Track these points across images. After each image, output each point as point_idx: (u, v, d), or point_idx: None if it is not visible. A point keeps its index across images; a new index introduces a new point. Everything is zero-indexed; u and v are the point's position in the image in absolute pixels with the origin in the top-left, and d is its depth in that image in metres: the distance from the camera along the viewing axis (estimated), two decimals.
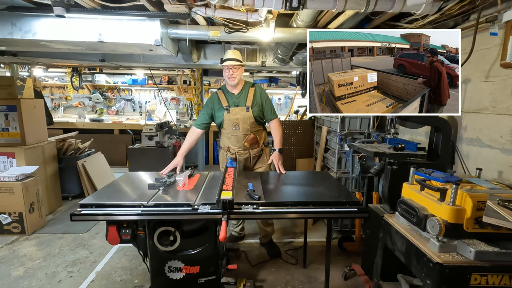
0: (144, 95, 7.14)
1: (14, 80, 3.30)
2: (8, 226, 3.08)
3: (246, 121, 2.50)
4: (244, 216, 2.15)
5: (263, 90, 2.64)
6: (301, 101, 5.59)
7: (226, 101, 2.54)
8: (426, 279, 1.29)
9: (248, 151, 2.59)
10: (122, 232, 1.70)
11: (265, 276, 2.47)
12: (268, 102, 2.60)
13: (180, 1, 2.11)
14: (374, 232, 1.97)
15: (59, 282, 2.36)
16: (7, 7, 2.27)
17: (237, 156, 2.61)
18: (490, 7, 1.83)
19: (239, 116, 2.50)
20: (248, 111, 2.49)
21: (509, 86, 1.79)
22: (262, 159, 2.68)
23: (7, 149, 3.29)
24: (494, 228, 1.26)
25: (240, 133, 2.52)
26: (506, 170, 1.82)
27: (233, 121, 2.51)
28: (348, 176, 3.06)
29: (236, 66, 2.43)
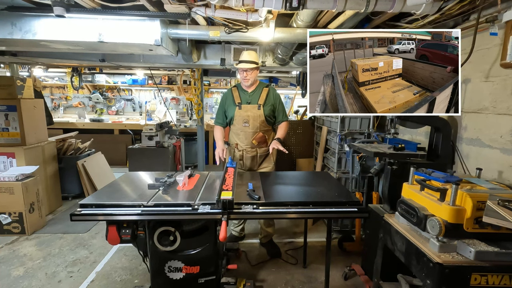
0: (144, 95, 7.14)
1: (14, 80, 3.30)
2: (8, 226, 3.08)
3: (256, 118, 2.54)
4: (244, 216, 2.15)
5: (277, 92, 2.70)
6: (301, 101, 5.59)
7: (239, 98, 2.60)
8: (426, 279, 1.29)
9: (255, 149, 2.61)
10: (122, 232, 1.70)
11: (265, 276, 2.47)
12: (280, 104, 2.66)
13: (180, 1, 2.11)
14: (374, 232, 1.97)
15: (59, 282, 2.36)
16: (7, 7, 2.27)
17: (244, 154, 2.62)
18: (490, 7, 1.83)
19: (250, 113, 2.54)
20: (259, 109, 2.54)
21: (509, 86, 1.79)
22: (268, 159, 2.70)
23: (7, 149, 3.29)
24: (494, 228, 1.26)
25: (250, 130, 2.55)
26: (506, 170, 1.82)
27: (243, 118, 2.55)
28: (348, 176, 3.06)
29: (250, 69, 2.49)
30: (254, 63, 2.50)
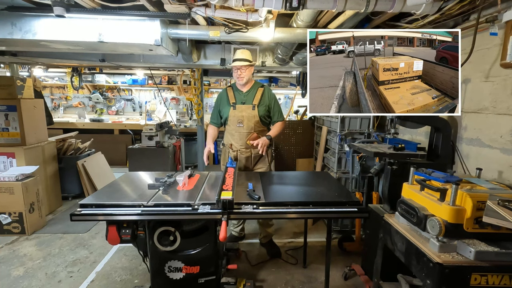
0: (144, 95, 7.14)
1: (14, 80, 3.30)
2: (8, 226, 3.08)
3: (251, 119, 2.52)
4: (244, 216, 2.15)
5: (272, 92, 2.67)
6: (301, 101, 5.59)
7: (233, 98, 2.58)
8: (426, 279, 1.29)
9: (250, 150, 2.59)
10: (122, 232, 1.70)
11: (265, 276, 2.47)
12: (276, 104, 2.63)
13: (180, 1, 2.11)
14: (374, 232, 1.97)
15: (59, 282, 2.36)
16: (7, 7, 2.27)
17: (238, 154, 2.61)
18: (490, 7, 1.83)
19: (244, 113, 2.52)
20: (254, 109, 2.52)
21: (509, 86, 1.79)
22: (263, 159, 2.68)
23: (7, 149, 3.29)
24: (494, 228, 1.26)
25: (244, 130, 2.54)
26: (506, 170, 1.82)
27: (238, 118, 2.53)
28: (348, 176, 3.06)
29: (244, 67, 2.46)
30: (247, 61, 2.48)
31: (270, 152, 2.71)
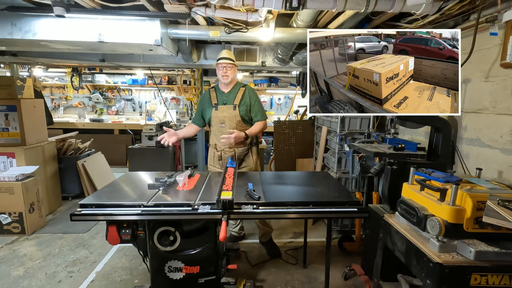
0: (144, 95, 7.14)
1: (14, 80, 3.30)
2: (8, 226, 3.08)
3: (232, 119, 2.53)
4: (244, 216, 2.14)
5: (254, 91, 2.65)
6: (301, 101, 5.59)
7: (216, 99, 2.59)
8: (426, 279, 1.29)
9: (233, 149, 2.60)
10: (122, 232, 1.70)
11: (265, 276, 2.47)
12: (257, 104, 2.61)
13: (180, 1, 2.11)
14: (374, 232, 1.97)
15: (59, 282, 2.36)
16: (7, 7, 2.27)
17: (222, 154, 2.62)
18: (490, 7, 1.83)
19: (225, 114, 2.54)
20: (234, 109, 2.53)
21: (509, 86, 1.79)
22: (248, 158, 2.69)
23: (7, 149, 3.29)
24: (494, 228, 1.26)
25: (226, 130, 2.53)
26: (506, 170, 1.82)
27: (219, 119, 2.55)
28: (348, 176, 3.06)
29: (229, 65, 2.49)
30: (232, 60, 2.52)
31: (255, 151, 2.71)
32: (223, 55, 2.52)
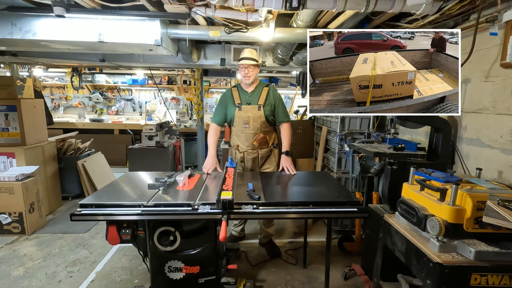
0: (144, 95, 7.14)
1: (14, 80, 3.30)
2: (8, 226, 3.08)
3: (256, 119, 2.49)
4: (244, 216, 2.15)
5: (277, 91, 2.63)
6: (301, 101, 5.59)
7: (238, 99, 2.54)
8: (426, 279, 1.29)
9: (256, 150, 2.57)
10: (122, 232, 1.70)
11: (265, 276, 2.47)
12: (281, 104, 2.59)
13: (180, 1, 2.11)
14: (374, 232, 1.97)
15: (59, 282, 2.36)
16: (7, 7, 2.27)
17: (245, 155, 2.59)
18: (490, 7, 1.83)
19: (250, 114, 2.49)
20: (259, 109, 2.48)
21: (509, 86, 1.79)
22: (270, 160, 2.67)
23: (7, 149, 3.29)
24: (494, 228, 1.26)
25: (250, 131, 2.51)
26: (506, 170, 1.82)
27: (243, 119, 2.50)
28: (348, 176, 3.06)
29: (252, 66, 2.44)
30: (255, 60, 2.46)
31: (277, 152, 2.69)
32: (245, 54, 2.46)
